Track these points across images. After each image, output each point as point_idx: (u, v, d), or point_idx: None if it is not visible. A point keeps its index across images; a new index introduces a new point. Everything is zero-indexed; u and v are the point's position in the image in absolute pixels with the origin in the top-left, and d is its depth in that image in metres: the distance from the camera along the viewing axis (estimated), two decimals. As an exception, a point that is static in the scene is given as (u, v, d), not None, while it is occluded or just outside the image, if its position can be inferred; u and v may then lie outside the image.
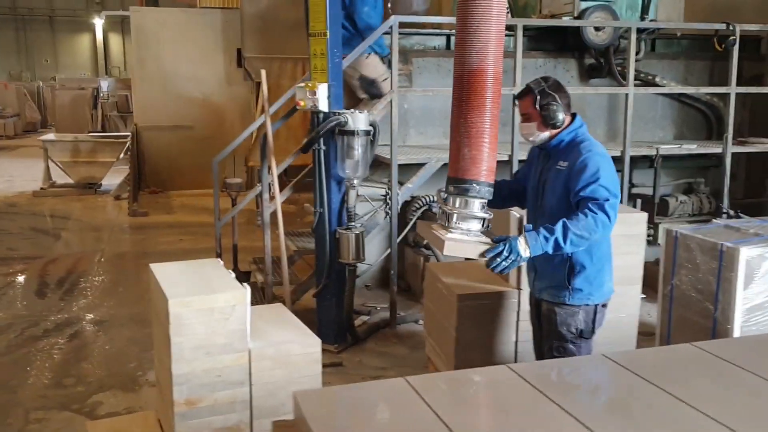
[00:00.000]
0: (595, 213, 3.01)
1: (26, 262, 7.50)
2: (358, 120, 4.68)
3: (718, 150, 6.19)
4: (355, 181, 4.83)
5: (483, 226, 3.14)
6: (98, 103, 18.92)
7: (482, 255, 3.05)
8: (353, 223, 4.88)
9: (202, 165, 12.01)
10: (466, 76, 3.01)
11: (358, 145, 4.71)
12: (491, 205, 3.15)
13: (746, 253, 3.99)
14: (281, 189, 5.05)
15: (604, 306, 3.32)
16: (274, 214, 5.08)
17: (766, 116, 7.30)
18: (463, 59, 3.02)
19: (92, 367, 4.76)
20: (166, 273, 3.33)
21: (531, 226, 3.15)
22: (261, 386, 3.22)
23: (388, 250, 5.70)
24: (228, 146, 6.01)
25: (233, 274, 3.41)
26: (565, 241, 2.98)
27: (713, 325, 4.17)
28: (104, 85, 19.70)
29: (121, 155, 11.73)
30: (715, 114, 7.25)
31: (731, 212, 5.86)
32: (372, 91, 5.47)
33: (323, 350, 4.44)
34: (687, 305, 4.36)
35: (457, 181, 3.11)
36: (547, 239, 2.98)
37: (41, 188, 11.55)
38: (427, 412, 2.00)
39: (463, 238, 3.08)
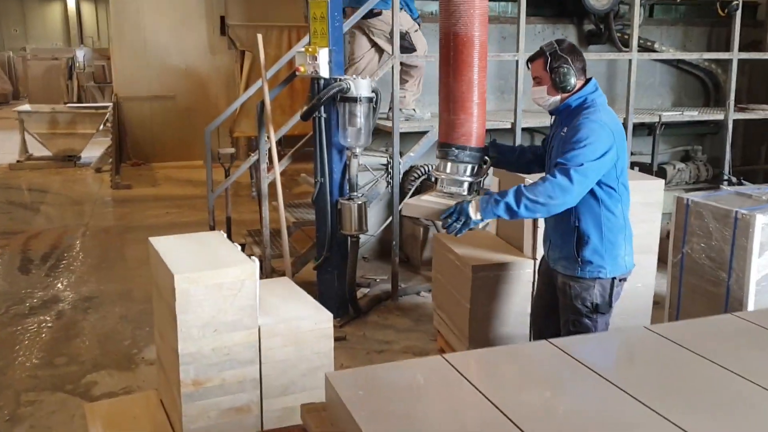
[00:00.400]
0: (554, 177, 2.89)
1: (6, 237, 7.23)
2: (361, 86, 4.48)
3: (720, 117, 6.07)
4: (357, 150, 4.65)
5: (470, 189, 3.15)
6: (73, 73, 18.40)
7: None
8: (355, 193, 4.70)
9: (185, 136, 11.74)
10: (449, 39, 3.04)
11: (361, 113, 4.52)
12: (516, 169, 3.05)
13: (762, 220, 3.88)
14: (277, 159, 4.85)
15: (621, 280, 3.18)
16: (272, 185, 4.89)
17: (764, 82, 7.21)
18: (446, 23, 3.06)
19: (84, 346, 4.56)
20: (167, 247, 3.14)
21: (494, 190, 3.17)
22: (271, 364, 3.07)
23: (388, 221, 5.54)
24: (219, 116, 5.81)
25: (239, 247, 3.24)
26: (518, 206, 2.90)
27: (726, 293, 4.07)
28: (80, 55, 19.14)
29: (101, 127, 11.38)
30: (713, 81, 7.14)
31: (733, 179, 5.76)
32: (403, 44, 5.25)
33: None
34: (699, 274, 4.26)
35: (442, 145, 3.20)
36: (497, 202, 2.92)
37: (18, 161, 11.18)
38: (472, 392, 1.86)
39: (425, 200, 3.15)
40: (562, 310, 3.21)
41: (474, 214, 2.97)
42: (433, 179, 5.72)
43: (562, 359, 2.06)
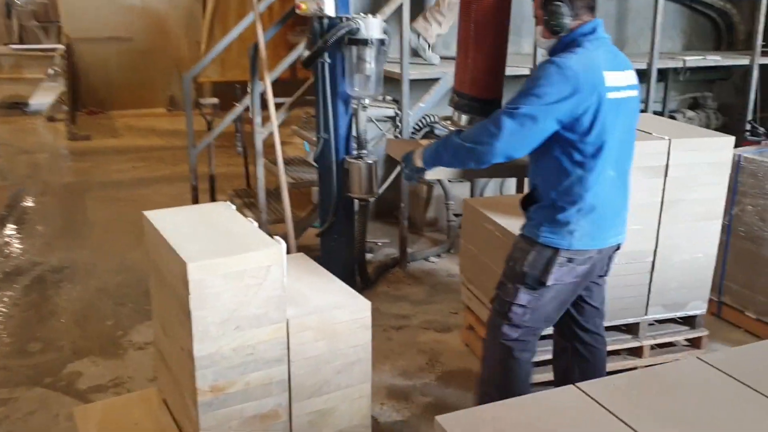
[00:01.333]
0: (486, 121, 2.53)
1: (-47, 195, 6.50)
2: (372, 26, 3.89)
3: (745, 61, 5.66)
4: (366, 101, 4.10)
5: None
6: (12, 11, 17.02)
7: None
8: (364, 151, 4.16)
9: (145, 81, 10.90)
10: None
11: (371, 57, 3.95)
12: None
13: (833, 180, 3.49)
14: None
15: (569, 260, 2.58)
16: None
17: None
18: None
19: (61, 328, 3.98)
20: (169, 224, 2.61)
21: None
22: (301, 362, 2.60)
23: (391, 178, 5.04)
24: (201, 60, 5.09)
25: (255, 223, 2.71)
26: (446, 150, 2.66)
27: (785, 260, 3.71)
28: (20, -10, 17.72)
29: (50, 71, 10.46)
30: (726, 22, 6.70)
31: (761, 129, 5.39)
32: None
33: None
34: (752, 238, 3.89)
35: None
36: (431, 146, 2.74)
37: (-44, 108, 10.25)
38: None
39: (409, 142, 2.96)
40: None
41: (417, 160, 2.80)
42: (437, 133, 5.25)
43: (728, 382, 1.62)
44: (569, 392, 1.61)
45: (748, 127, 5.58)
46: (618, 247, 2.71)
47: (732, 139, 3.29)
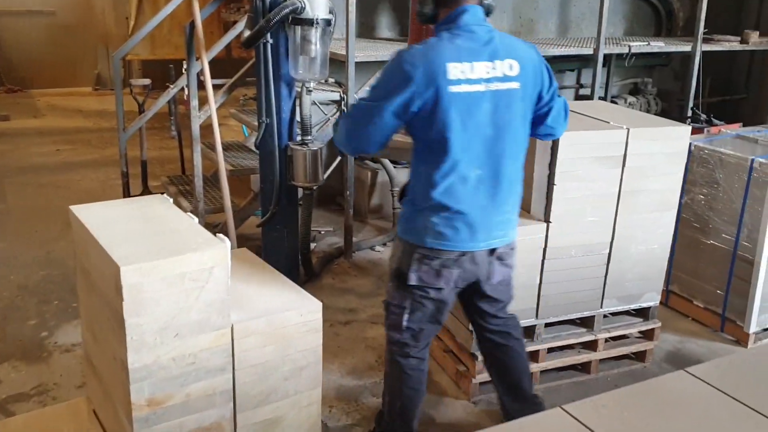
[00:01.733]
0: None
1: None
2: (317, 5, 3.67)
3: (687, 48, 5.66)
4: (311, 84, 3.88)
5: None
6: None
7: None
8: (309, 137, 3.95)
9: (69, 58, 10.33)
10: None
11: (316, 38, 3.73)
12: None
13: (785, 171, 3.48)
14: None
15: (424, 257, 2.43)
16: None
17: (718, 11, 6.86)
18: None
19: (-24, 328, 3.67)
20: (99, 220, 2.36)
21: None
22: (247, 370, 2.42)
23: (334, 164, 4.85)
24: (131, 38, 4.75)
25: (196, 219, 2.49)
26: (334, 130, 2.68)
27: (734, 249, 3.70)
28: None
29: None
30: (666, 9, 6.72)
31: (703, 116, 5.40)
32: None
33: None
34: (701, 227, 3.86)
35: None
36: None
37: None
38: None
39: None
40: None
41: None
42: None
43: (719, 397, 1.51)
44: (556, 416, 1.47)
45: (689, 113, 5.59)
46: (494, 251, 2.49)
47: (688, 128, 3.22)
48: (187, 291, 2.18)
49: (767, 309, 3.69)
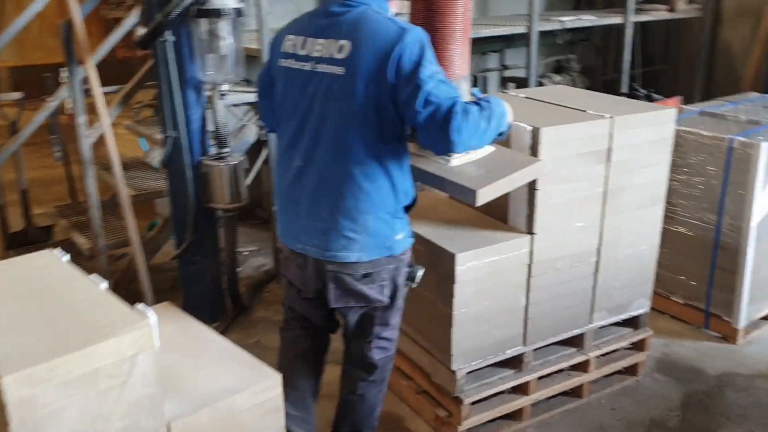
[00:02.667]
0: None
1: None
2: (225, -7, 3.06)
3: (619, 20, 5.34)
4: (224, 87, 3.26)
5: None
6: None
7: None
8: (226, 149, 3.33)
9: None
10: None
11: (227, 32, 3.12)
12: None
13: (766, 148, 3.16)
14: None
15: (285, 257, 2.33)
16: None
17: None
18: None
19: None
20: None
21: None
22: (194, 479, 1.81)
23: (253, 174, 4.23)
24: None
25: (104, 283, 1.86)
26: None
27: (716, 238, 3.36)
28: None
29: None
30: (585, -19, 6.43)
31: (643, 92, 5.09)
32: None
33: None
34: (675, 217, 3.52)
35: None
36: None
37: None
38: None
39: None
40: None
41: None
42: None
43: None
44: None
45: (623, 91, 5.29)
46: (324, 266, 2.15)
47: (675, 110, 2.82)
48: (103, 393, 1.59)
49: (756, 300, 3.38)
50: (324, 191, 2.08)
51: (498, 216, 2.70)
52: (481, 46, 5.70)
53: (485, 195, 2.20)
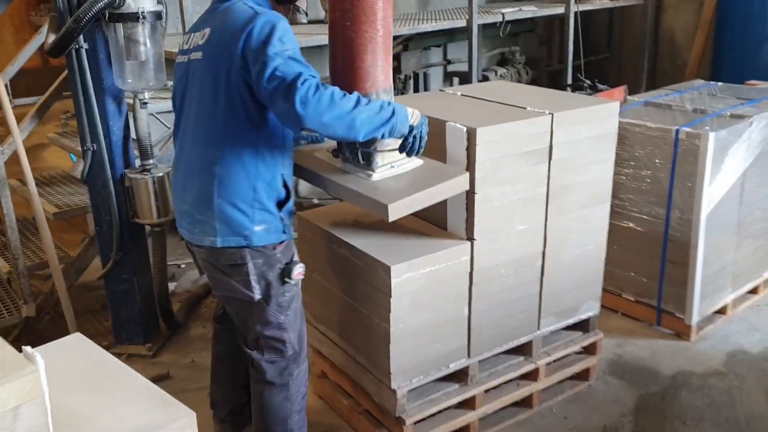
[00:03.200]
0: None
1: None
2: (140, -6, 2.86)
3: (560, 10, 5.25)
4: (146, 95, 3.06)
5: None
6: None
7: None
8: (150, 161, 3.13)
9: None
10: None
11: (145, 36, 2.92)
12: None
13: (714, 140, 3.08)
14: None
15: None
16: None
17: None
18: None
19: None
20: None
21: None
22: None
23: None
24: None
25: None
26: None
27: (665, 232, 3.28)
28: None
29: None
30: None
31: (588, 82, 5.01)
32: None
33: (131, 355, 3.09)
34: (622, 212, 3.43)
35: None
36: None
37: None
38: None
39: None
40: None
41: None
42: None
43: None
44: None
45: (568, 83, 5.20)
46: (198, 249, 2.23)
47: (617, 104, 2.71)
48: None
49: (708, 295, 3.31)
50: (188, 176, 2.16)
51: (437, 222, 2.56)
52: (422, 41, 5.59)
53: (397, 210, 2.09)
